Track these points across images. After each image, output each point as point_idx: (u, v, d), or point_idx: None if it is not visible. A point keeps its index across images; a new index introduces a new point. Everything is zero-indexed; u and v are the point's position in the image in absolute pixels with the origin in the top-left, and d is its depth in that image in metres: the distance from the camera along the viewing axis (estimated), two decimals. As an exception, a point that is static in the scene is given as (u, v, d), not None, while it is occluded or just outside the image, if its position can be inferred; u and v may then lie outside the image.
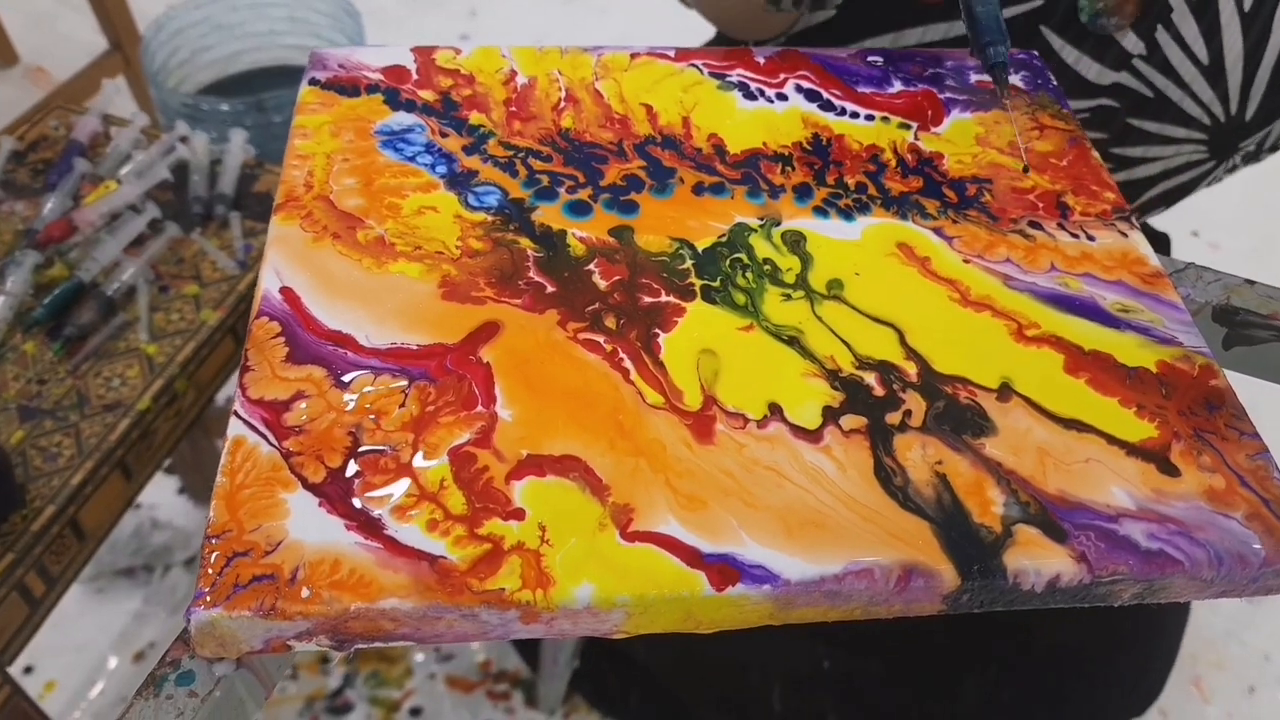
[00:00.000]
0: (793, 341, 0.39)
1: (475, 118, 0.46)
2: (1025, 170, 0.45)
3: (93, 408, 0.73)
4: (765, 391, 0.37)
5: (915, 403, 0.37)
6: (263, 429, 0.35)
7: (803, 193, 0.44)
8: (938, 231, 0.43)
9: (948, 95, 0.49)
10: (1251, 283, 0.45)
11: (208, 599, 0.31)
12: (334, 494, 0.33)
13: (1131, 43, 0.56)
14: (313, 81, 0.47)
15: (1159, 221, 0.81)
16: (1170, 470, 0.36)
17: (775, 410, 0.37)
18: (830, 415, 0.37)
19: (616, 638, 0.33)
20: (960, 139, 0.47)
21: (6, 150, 0.86)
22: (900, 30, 0.58)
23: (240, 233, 0.85)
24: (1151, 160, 0.62)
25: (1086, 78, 0.58)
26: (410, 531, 0.32)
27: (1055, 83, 0.50)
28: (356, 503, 0.33)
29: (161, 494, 1.21)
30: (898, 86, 0.50)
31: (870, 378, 0.38)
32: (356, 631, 0.32)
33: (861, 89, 0.49)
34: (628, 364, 0.37)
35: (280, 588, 0.31)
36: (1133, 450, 0.36)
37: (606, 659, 0.99)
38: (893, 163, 0.46)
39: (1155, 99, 0.58)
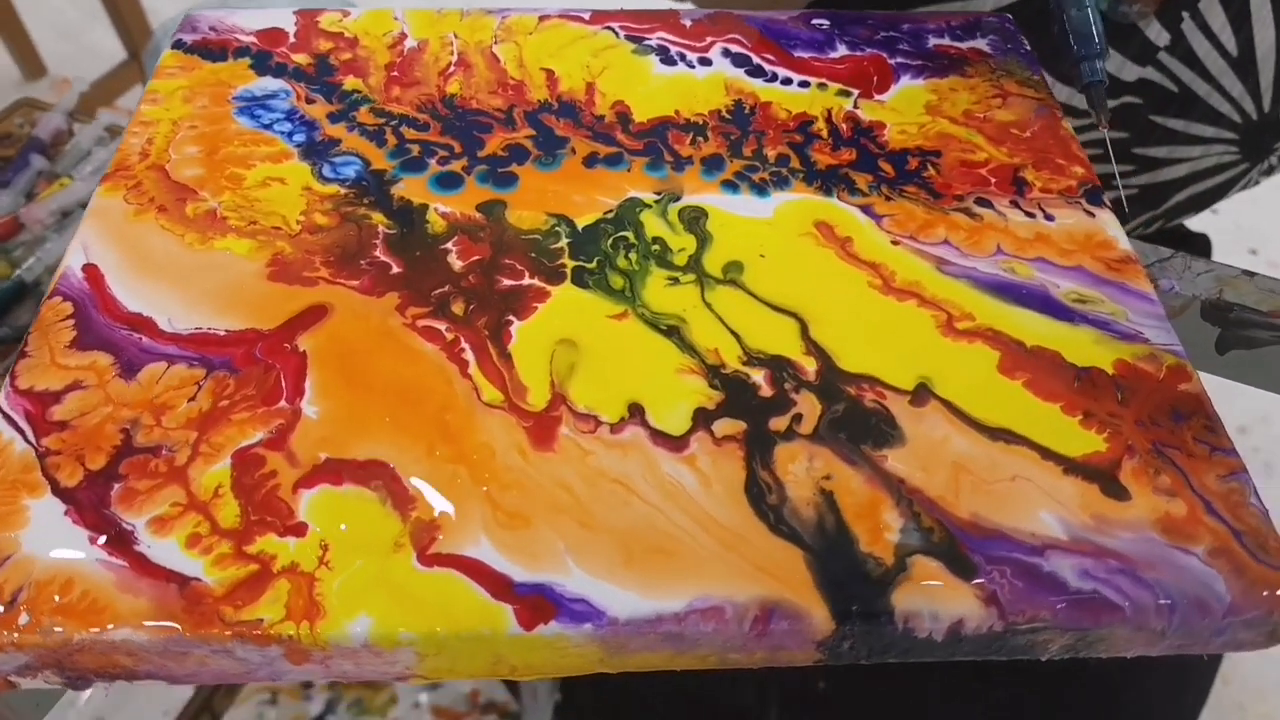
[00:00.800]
0: (672, 332, 0.33)
1: (350, 82, 0.41)
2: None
3: (21, 412, 0.69)
4: (628, 389, 0.31)
5: (809, 405, 0.31)
6: (23, 423, 0.30)
7: (712, 165, 0.38)
8: (866, 209, 0.37)
9: (899, 60, 0.43)
10: (1251, 274, 0.38)
11: (-95, 624, 0.25)
12: (86, 501, 0.28)
13: (1155, 33, 0.49)
14: (177, 44, 0.42)
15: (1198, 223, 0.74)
16: (1117, 493, 0.29)
17: (636, 411, 0.30)
18: (702, 419, 0.30)
19: (414, 684, 0.27)
20: (907, 107, 0.41)
21: (-35, 147, 0.83)
22: None
23: (195, 232, 0.80)
24: (1178, 161, 0.55)
25: (1109, 71, 0.51)
26: (165, 547, 0.27)
27: (1029, 48, 0.44)
28: (111, 511, 0.28)
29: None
30: (841, 51, 0.43)
31: (758, 375, 0.32)
32: (88, 667, 0.26)
33: (798, 53, 0.43)
34: (468, 355, 0.32)
35: (-6, 612, 0.26)
36: (1072, 467, 0.29)
37: (591, 690, 0.93)
38: (824, 132, 0.40)
39: (1180, 94, 0.51)
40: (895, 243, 0.36)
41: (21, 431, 0.29)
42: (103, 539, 0.27)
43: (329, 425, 0.30)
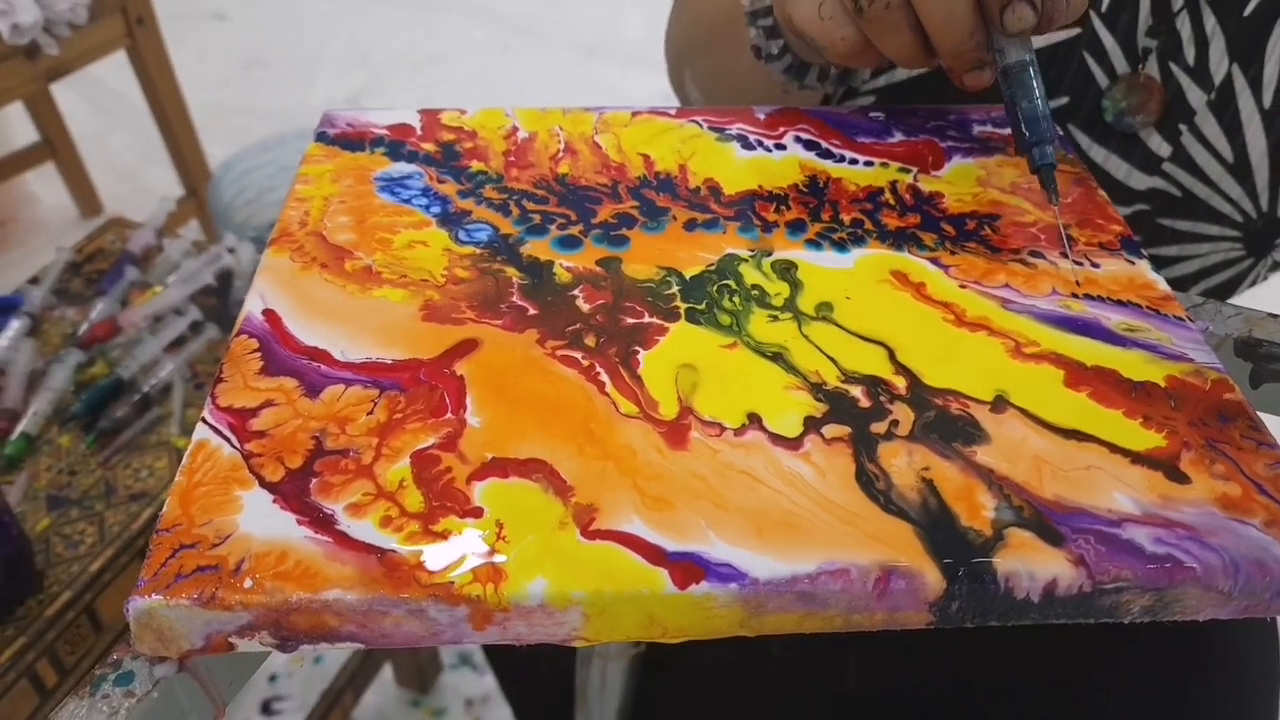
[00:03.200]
0: (776, 358, 0.38)
1: (475, 166, 0.47)
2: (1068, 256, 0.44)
3: (119, 497, 0.74)
4: (745, 402, 0.36)
5: (903, 413, 0.35)
6: (227, 432, 0.34)
7: (796, 227, 0.44)
8: (934, 261, 0.42)
9: (949, 144, 0.49)
10: (1276, 316, 0.43)
11: (148, 588, 0.30)
12: (289, 491, 0.32)
13: (1157, 144, 0.55)
14: (320, 137, 0.49)
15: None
16: (1179, 477, 0.33)
17: (754, 419, 0.35)
18: (812, 425, 0.35)
19: (576, 645, 0.31)
20: (960, 181, 0.47)
21: (63, 261, 0.90)
22: None
23: (278, 334, 0.86)
24: (1188, 259, 0.60)
25: (1116, 177, 0.57)
26: (363, 527, 0.31)
27: (1060, 133, 0.50)
28: (311, 500, 0.32)
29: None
30: (898, 136, 0.50)
31: (856, 390, 0.36)
32: (300, 628, 0.30)
33: (861, 139, 0.49)
34: (604, 377, 0.37)
35: (223, 578, 0.30)
36: (1138, 458, 0.34)
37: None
38: (891, 201, 0.45)
39: (1184, 198, 0.57)
40: (963, 286, 0.41)
41: (227, 439, 0.34)
42: (308, 521, 0.31)
43: (490, 432, 0.34)
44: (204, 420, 0.35)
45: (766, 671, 0.70)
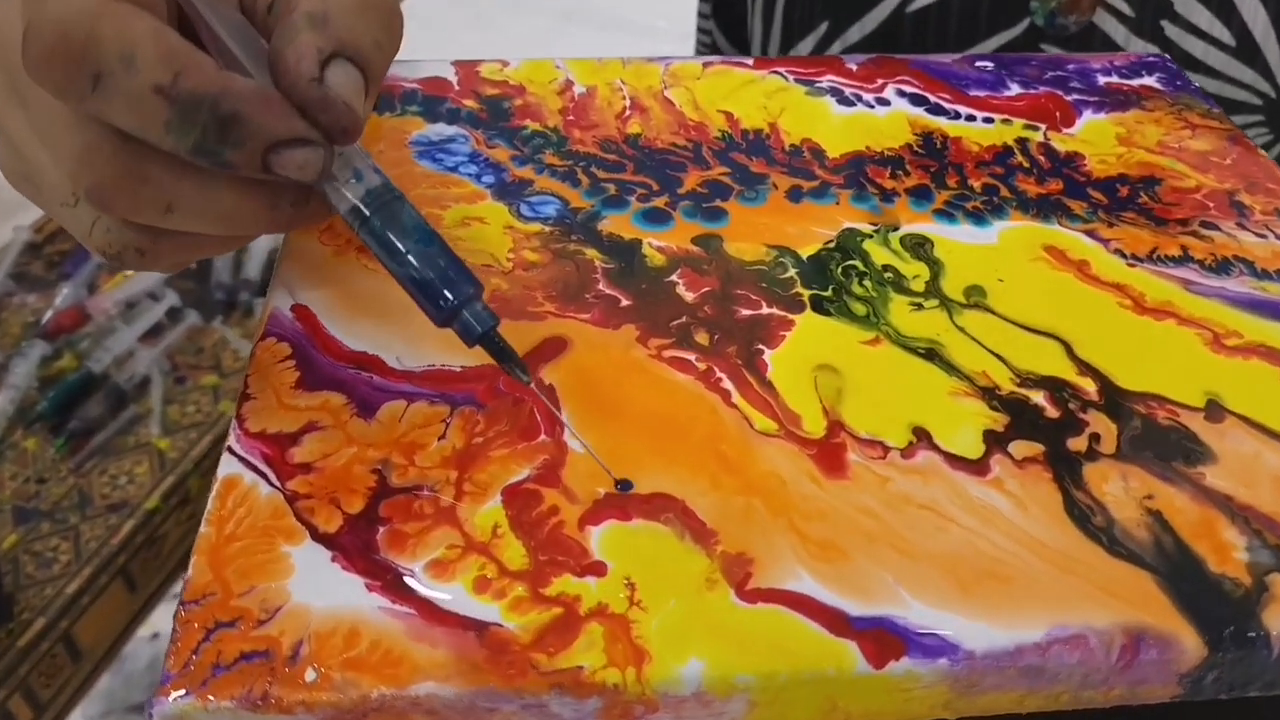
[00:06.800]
0: (931, 355, 0.31)
1: (530, 126, 0.39)
2: None
3: (95, 508, 0.66)
4: (906, 413, 0.29)
5: (1102, 425, 0.29)
6: (263, 466, 0.27)
7: (920, 195, 0.37)
8: (1090, 234, 0.35)
9: (1075, 97, 0.42)
10: None
11: (178, 683, 0.22)
12: (352, 546, 0.25)
13: (1141, 47, 0.48)
14: (339, 94, 0.41)
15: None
16: None
17: (922, 436, 0.28)
18: (994, 441, 0.28)
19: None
20: (1099, 139, 0.40)
21: (21, 242, 0.81)
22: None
23: (266, 319, 0.79)
24: None
25: None
26: (453, 592, 0.24)
27: (1196, 85, 0.43)
28: (382, 556, 0.25)
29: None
30: (1015, 89, 0.43)
31: (1037, 396, 0.30)
32: (380, 730, 0.23)
33: (973, 92, 0.42)
34: (727, 384, 0.29)
35: (277, 668, 0.23)
36: (1403, 478, 0.27)
37: None
38: (1024, 163, 0.39)
39: None
40: (1132, 265, 0.34)
41: (264, 475, 0.27)
42: (381, 585, 0.24)
43: (599, 457, 0.27)
44: (230, 451, 0.27)
45: None
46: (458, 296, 0.27)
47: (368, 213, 0.27)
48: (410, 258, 0.27)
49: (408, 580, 0.24)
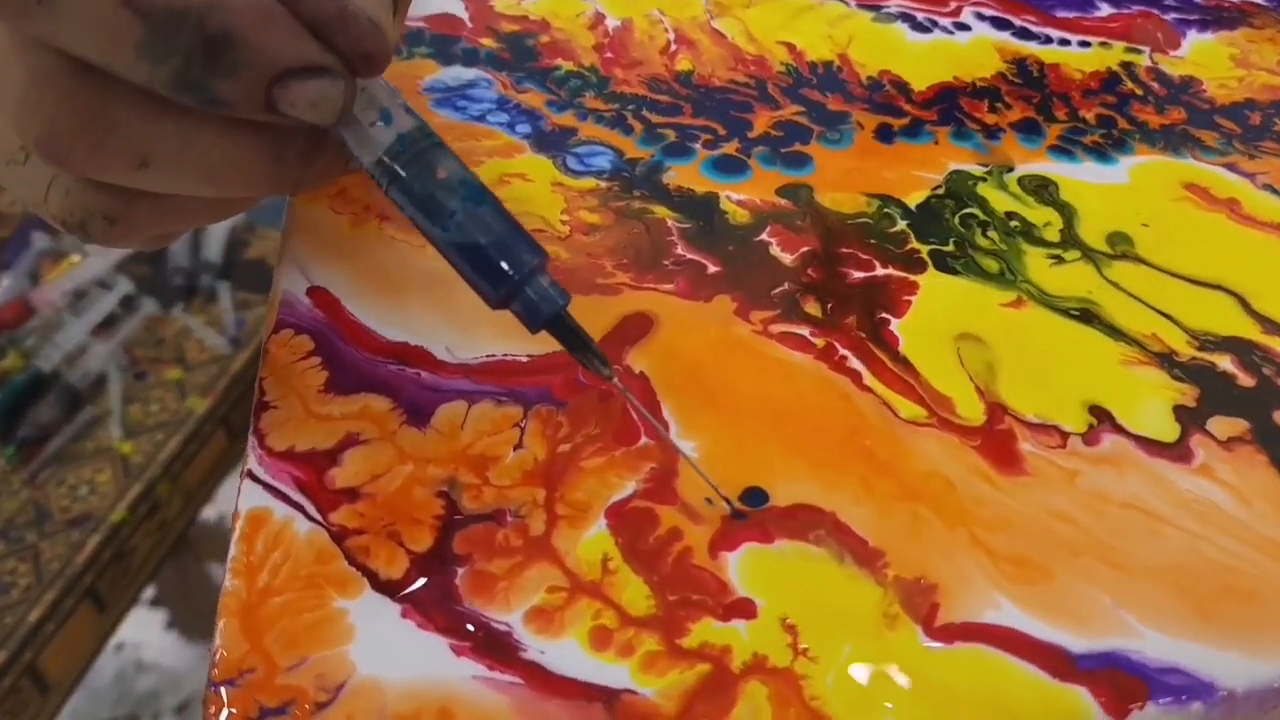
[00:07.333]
0: (1087, 317, 0.26)
1: (563, 66, 0.33)
2: None
3: (55, 524, 0.59)
4: (1075, 389, 0.24)
5: (1310, 393, 0.24)
6: (297, 495, 0.21)
7: (1029, 130, 0.32)
8: (1231, 168, 0.31)
9: (1174, 15, 0.37)
10: None
11: (218, 802, 0.17)
12: (427, 595, 0.19)
13: None
14: (333, 37, 0.35)
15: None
16: None
17: (1102, 416, 0.23)
18: (1189, 419, 0.23)
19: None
20: (1212, 61, 0.35)
21: (-46, 229, 0.73)
22: None
23: (230, 305, 0.72)
24: None
25: None
26: (563, 650, 0.19)
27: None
28: (466, 607, 0.19)
29: (145, 630, 1.05)
30: (1105, 9, 0.37)
31: (1224, 361, 0.25)
32: (488, 840, 0.18)
33: (1060, 13, 0.37)
34: (855, 363, 0.24)
35: (349, 770, 0.17)
36: None
37: None
38: (1135, 90, 0.33)
39: None
40: (1288, 201, 0.29)
41: (299, 507, 0.21)
42: (471, 647, 0.19)
43: (718, 464, 0.22)
44: (251, 476, 0.21)
45: None
46: (518, 270, 0.21)
47: (399, 165, 0.21)
48: (458, 220, 0.21)
49: (504, 638, 0.19)
